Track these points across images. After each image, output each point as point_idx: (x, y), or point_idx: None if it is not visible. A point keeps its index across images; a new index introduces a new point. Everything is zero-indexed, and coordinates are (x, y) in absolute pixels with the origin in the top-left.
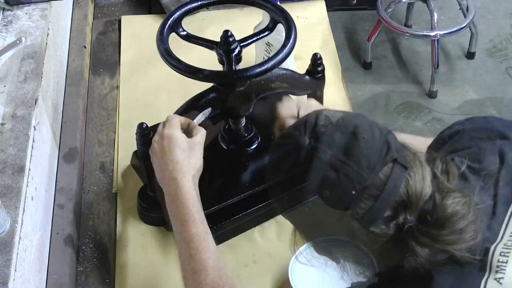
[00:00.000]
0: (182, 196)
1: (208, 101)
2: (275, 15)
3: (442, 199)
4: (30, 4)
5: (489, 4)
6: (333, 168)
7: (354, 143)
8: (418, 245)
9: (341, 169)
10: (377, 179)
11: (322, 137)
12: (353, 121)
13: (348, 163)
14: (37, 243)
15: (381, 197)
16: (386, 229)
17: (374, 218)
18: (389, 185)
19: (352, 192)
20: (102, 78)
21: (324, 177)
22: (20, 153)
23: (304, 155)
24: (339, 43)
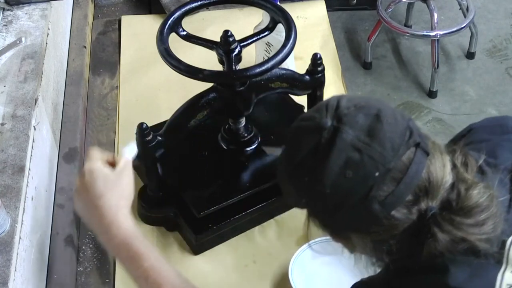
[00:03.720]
0: (118, 232)
1: (208, 101)
2: (275, 15)
3: (466, 190)
4: (30, 4)
5: (489, 4)
6: (356, 149)
7: (377, 125)
8: (440, 231)
9: (365, 150)
10: (400, 163)
11: (344, 118)
12: (376, 105)
13: (372, 145)
14: (37, 243)
15: (403, 181)
16: (407, 214)
17: (397, 202)
18: (412, 169)
19: (376, 174)
20: (102, 78)
21: (347, 158)
22: (20, 153)
23: (326, 137)
24: (339, 43)
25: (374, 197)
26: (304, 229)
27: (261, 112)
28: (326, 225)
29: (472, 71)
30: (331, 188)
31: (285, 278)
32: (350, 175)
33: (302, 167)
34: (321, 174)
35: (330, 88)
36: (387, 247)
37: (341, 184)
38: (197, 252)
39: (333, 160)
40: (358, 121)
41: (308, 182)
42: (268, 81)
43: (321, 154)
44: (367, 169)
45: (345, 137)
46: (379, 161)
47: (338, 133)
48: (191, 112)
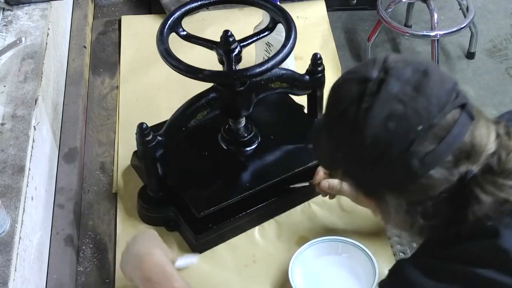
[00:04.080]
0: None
1: (208, 101)
2: (275, 15)
3: (507, 154)
4: (30, 4)
5: (489, 4)
6: (401, 101)
7: (424, 80)
8: (483, 192)
9: (410, 103)
10: (444, 121)
11: (391, 71)
12: (424, 62)
13: (418, 98)
14: (37, 243)
15: (446, 140)
16: (447, 175)
17: (436, 160)
18: (456, 129)
19: (418, 128)
20: (102, 78)
21: (390, 110)
22: (20, 153)
23: (371, 87)
24: (339, 43)
25: (415, 152)
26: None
27: (261, 112)
28: (360, 183)
29: (472, 71)
30: (372, 139)
31: (285, 278)
32: (393, 126)
33: (344, 117)
34: (363, 124)
35: None
36: (422, 209)
37: (382, 136)
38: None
39: (376, 110)
40: (405, 74)
41: (349, 132)
42: (268, 81)
43: (365, 104)
44: (410, 122)
45: (391, 89)
46: (423, 115)
47: (384, 84)
48: (191, 112)
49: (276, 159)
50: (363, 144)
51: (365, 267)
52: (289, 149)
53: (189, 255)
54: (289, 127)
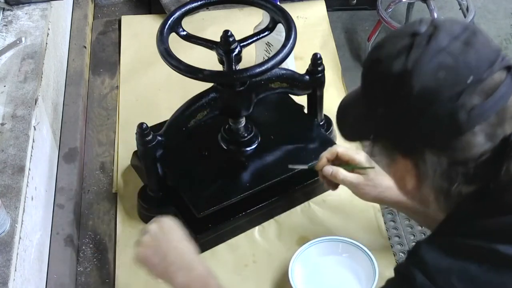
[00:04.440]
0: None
1: (208, 101)
2: (275, 15)
3: None
4: (30, 4)
5: (489, 4)
6: (451, 54)
7: (474, 38)
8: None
9: (460, 56)
10: (491, 79)
11: (441, 26)
12: (470, 23)
13: (468, 52)
14: (37, 243)
15: (492, 97)
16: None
17: (483, 116)
18: (502, 89)
19: (468, 81)
20: (102, 78)
21: (441, 61)
22: (20, 153)
23: (419, 40)
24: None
25: (462, 104)
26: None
27: (261, 112)
28: (399, 141)
29: None
30: (420, 89)
31: (285, 278)
32: (442, 76)
33: (390, 70)
34: (411, 74)
35: (330, 88)
36: (463, 170)
37: (431, 85)
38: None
39: (426, 60)
40: (455, 30)
41: (394, 84)
42: (268, 81)
43: (414, 54)
44: (460, 73)
45: (441, 41)
46: (473, 68)
47: (433, 37)
48: (191, 112)
49: (276, 159)
50: (410, 94)
51: (365, 267)
52: (289, 149)
53: None
54: (289, 127)
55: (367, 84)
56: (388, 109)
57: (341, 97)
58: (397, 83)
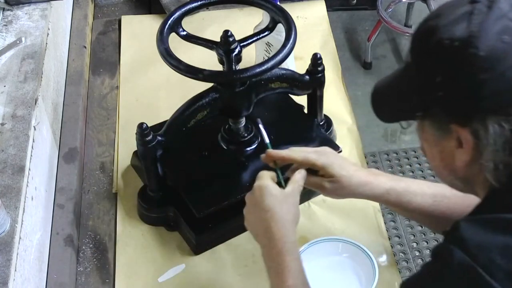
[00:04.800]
0: (275, 244)
1: (208, 101)
2: (275, 15)
3: None
4: (30, 4)
5: None
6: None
7: None
8: None
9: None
10: None
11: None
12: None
13: None
14: (37, 243)
15: None
16: None
17: None
18: None
19: None
20: (102, 78)
21: (504, 25)
22: (20, 153)
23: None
24: (339, 43)
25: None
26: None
27: (261, 112)
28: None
29: None
30: (486, 51)
31: None
32: (508, 39)
33: (452, 34)
34: (476, 38)
35: (330, 88)
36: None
37: (497, 47)
38: (197, 252)
39: (490, 24)
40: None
41: (458, 48)
42: (268, 81)
43: (477, 19)
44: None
45: (502, 7)
46: None
47: (494, 4)
48: (191, 112)
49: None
50: (476, 56)
51: (365, 267)
52: None
53: None
54: (289, 127)
55: (422, 54)
56: (449, 77)
57: (341, 97)
58: (462, 47)
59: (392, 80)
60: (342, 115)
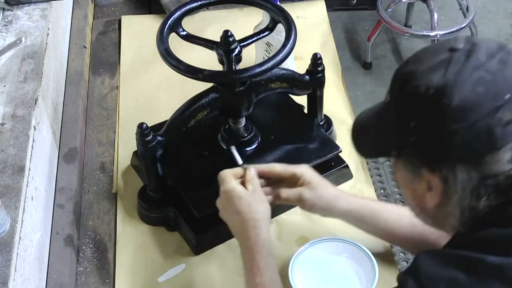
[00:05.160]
0: (247, 243)
1: (208, 101)
2: (275, 15)
3: None
4: (30, 4)
5: (489, 4)
6: (489, 71)
7: (510, 57)
8: None
9: (498, 72)
10: None
11: (479, 44)
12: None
13: (506, 69)
14: (37, 243)
15: None
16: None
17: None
18: None
19: (506, 96)
20: (102, 78)
21: (480, 76)
22: (20, 153)
23: (458, 55)
24: (339, 43)
25: (499, 119)
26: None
27: (261, 112)
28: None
29: None
30: (458, 102)
31: (285, 278)
32: (481, 91)
33: (428, 81)
34: (450, 87)
35: (330, 88)
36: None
37: (470, 99)
38: (197, 252)
39: (466, 74)
40: (492, 49)
41: (432, 96)
42: (268, 81)
43: (454, 68)
44: (499, 88)
45: (480, 58)
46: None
47: (472, 54)
48: (191, 112)
49: (276, 159)
50: (449, 106)
51: (365, 267)
52: (289, 149)
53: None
54: (289, 127)
55: (399, 98)
56: (422, 123)
57: (341, 97)
58: (436, 96)
59: (373, 115)
60: (342, 115)
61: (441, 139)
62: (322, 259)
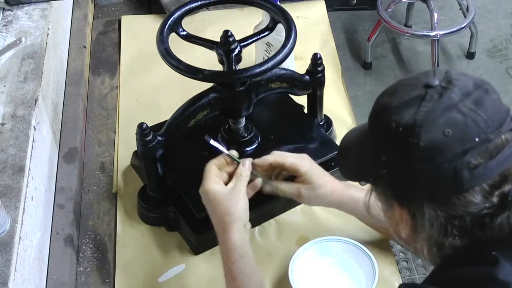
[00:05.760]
0: (220, 248)
1: (208, 101)
2: (275, 15)
3: None
4: (30, 4)
5: (489, 4)
6: (461, 112)
7: (485, 97)
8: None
9: (470, 114)
10: (499, 139)
11: (454, 81)
12: (484, 80)
13: (478, 111)
14: (37, 243)
15: (497, 158)
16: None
17: (486, 176)
18: (507, 150)
19: (475, 139)
20: (102, 78)
21: (451, 117)
22: (20, 153)
23: (432, 93)
24: (339, 43)
25: (467, 163)
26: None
27: (261, 112)
28: (400, 191)
29: (472, 71)
30: (427, 142)
31: (285, 278)
32: (450, 133)
33: (399, 119)
34: (419, 128)
35: (330, 88)
36: (460, 224)
37: (438, 140)
38: (197, 252)
39: (436, 115)
40: (468, 87)
41: (402, 134)
42: (268, 81)
43: (425, 107)
44: (469, 132)
45: (453, 97)
46: (482, 127)
47: (446, 92)
48: (191, 112)
49: None
50: (417, 146)
51: (365, 267)
52: (289, 149)
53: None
54: (289, 127)
55: (374, 129)
56: (392, 158)
57: (341, 97)
58: (405, 134)
59: (356, 138)
60: (342, 115)
61: (409, 177)
62: (322, 259)
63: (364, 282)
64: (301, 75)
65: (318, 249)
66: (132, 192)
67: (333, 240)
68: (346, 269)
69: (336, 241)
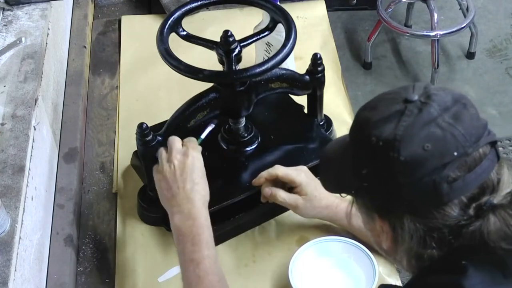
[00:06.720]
0: (196, 216)
1: (208, 101)
2: (275, 15)
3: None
4: (30, 4)
5: (489, 4)
6: (440, 126)
7: (464, 111)
8: (494, 215)
9: (448, 129)
10: (477, 153)
11: (433, 96)
12: (462, 94)
13: (456, 126)
14: (37, 243)
15: (475, 171)
16: (467, 207)
17: (464, 189)
18: (485, 163)
19: (454, 153)
20: (102, 78)
21: (430, 132)
22: (20, 153)
23: (411, 108)
24: (339, 43)
25: (446, 176)
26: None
27: (261, 112)
28: (380, 203)
29: (472, 71)
30: (407, 157)
31: (285, 278)
32: (429, 148)
33: (379, 133)
34: (399, 142)
35: (330, 88)
36: (439, 235)
37: (418, 155)
38: None
39: (415, 129)
40: (446, 102)
41: (381, 148)
42: (268, 81)
43: (404, 122)
44: (448, 146)
45: (432, 112)
46: (460, 142)
47: (425, 107)
48: (191, 112)
49: (276, 159)
50: (397, 160)
51: (365, 267)
52: (289, 149)
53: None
54: (289, 127)
55: (355, 143)
56: (372, 172)
57: (341, 97)
58: (385, 148)
59: (338, 149)
60: (342, 115)
61: (390, 190)
62: (322, 259)
63: (364, 282)
64: (301, 75)
65: (318, 249)
66: (132, 192)
67: (333, 240)
68: (346, 269)
69: (336, 241)
